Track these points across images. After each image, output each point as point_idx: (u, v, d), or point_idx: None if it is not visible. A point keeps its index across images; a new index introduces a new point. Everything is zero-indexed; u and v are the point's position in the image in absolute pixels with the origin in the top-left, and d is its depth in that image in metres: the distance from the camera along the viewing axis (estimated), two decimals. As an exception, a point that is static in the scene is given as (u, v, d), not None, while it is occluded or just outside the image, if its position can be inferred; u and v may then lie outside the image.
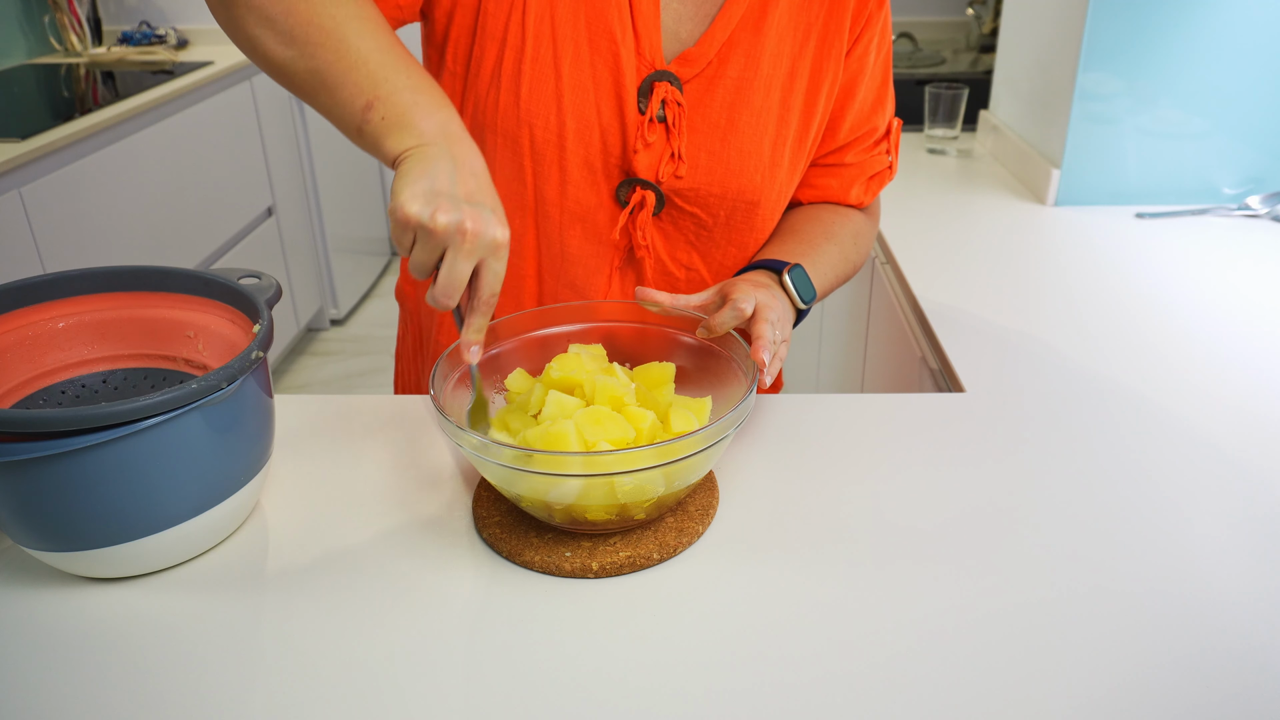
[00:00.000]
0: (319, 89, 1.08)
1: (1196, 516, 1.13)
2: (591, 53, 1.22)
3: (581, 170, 1.26)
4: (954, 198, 2.31)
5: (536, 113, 1.23)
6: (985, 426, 1.31)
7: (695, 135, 1.27)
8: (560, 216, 1.30)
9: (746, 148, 1.27)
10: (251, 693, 0.90)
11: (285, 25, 1.06)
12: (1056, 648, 0.94)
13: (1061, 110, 2.19)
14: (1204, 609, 0.99)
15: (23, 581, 1.04)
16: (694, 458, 0.99)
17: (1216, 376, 1.45)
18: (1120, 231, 2.06)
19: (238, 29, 1.10)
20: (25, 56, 3.69)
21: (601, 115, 1.24)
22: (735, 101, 1.26)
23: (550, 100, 1.23)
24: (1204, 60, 2.08)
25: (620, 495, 0.99)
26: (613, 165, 1.27)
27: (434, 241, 0.97)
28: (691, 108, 1.26)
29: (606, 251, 1.33)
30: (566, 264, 1.33)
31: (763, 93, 1.27)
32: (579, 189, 1.28)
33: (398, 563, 1.06)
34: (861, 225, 1.43)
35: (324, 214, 4.29)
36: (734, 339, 1.16)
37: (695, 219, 1.31)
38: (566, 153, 1.25)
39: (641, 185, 1.27)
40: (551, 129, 1.24)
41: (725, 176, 1.28)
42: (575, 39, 1.22)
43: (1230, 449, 1.26)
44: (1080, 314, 1.67)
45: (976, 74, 3.25)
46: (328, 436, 1.28)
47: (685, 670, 0.92)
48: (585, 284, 1.34)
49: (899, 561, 1.05)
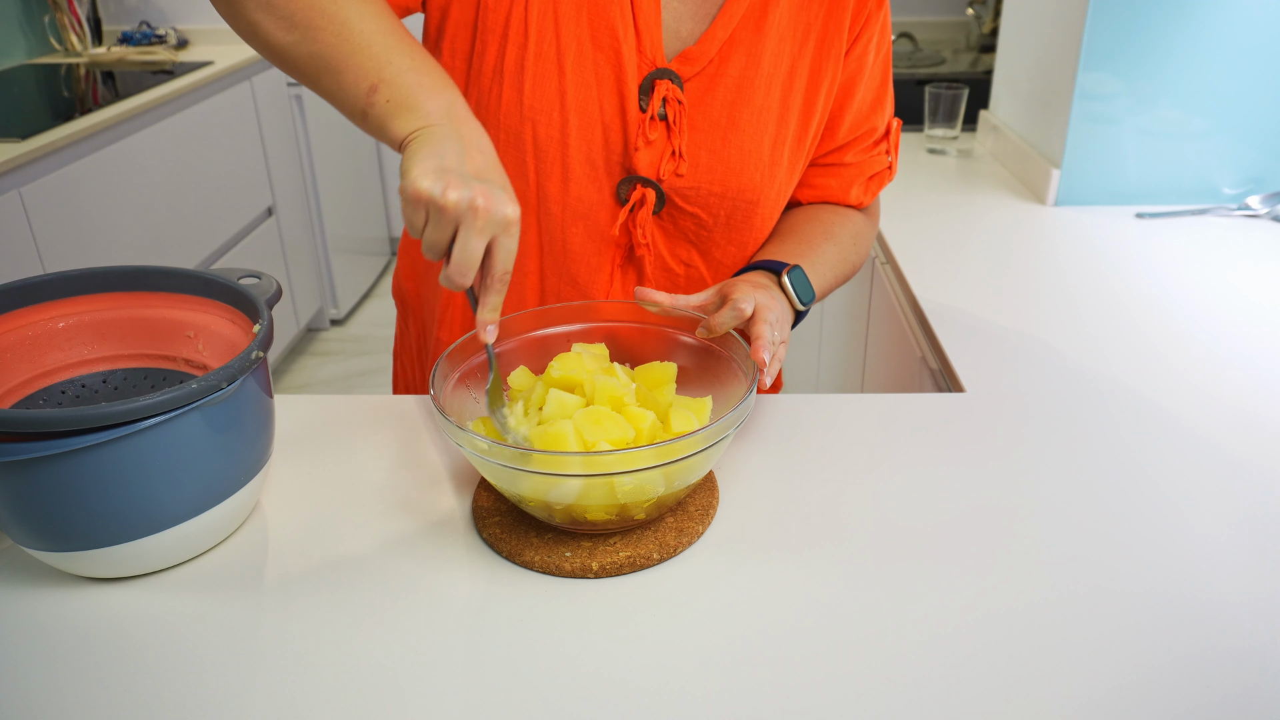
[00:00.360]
0: (322, 73, 1.08)
1: (1196, 516, 1.13)
2: (594, 49, 1.22)
3: (584, 167, 1.26)
4: (954, 198, 2.31)
5: (540, 109, 1.23)
6: (985, 426, 1.31)
7: (696, 134, 1.27)
8: (562, 213, 1.29)
9: (747, 146, 1.27)
10: (251, 693, 0.90)
11: (286, 10, 1.06)
12: (1056, 648, 0.94)
13: (1061, 110, 2.19)
14: (1204, 609, 0.99)
15: (23, 581, 1.03)
16: (694, 458, 0.99)
17: (1216, 376, 1.45)
18: (1120, 231, 2.06)
19: (238, 16, 1.09)
20: (25, 56, 3.70)
21: (604, 112, 1.24)
22: (736, 100, 1.26)
23: (553, 97, 1.23)
24: (1204, 60, 2.08)
25: (620, 495, 0.99)
26: (614, 162, 1.27)
27: (446, 218, 0.97)
28: (692, 106, 1.26)
29: (608, 249, 1.33)
30: (568, 261, 1.33)
31: (763, 91, 1.27)
32: (581, 186, 1.28)
33: (398, 563, 1.06)
34: (861, 225, 1.43)
35: (324, 214, 4.29)
36: (734, 339, 1.16)
37: (695, 218, 1.31)
38: (569, 149, 1.25)
39: (642, 183, 1.27)
40: (555, 125, 1.24)
41: (725, 175, 1.28)
42: (578, 35, 1.22)
43: (1230, 449, 1.26)
44: (1080, 314, 1.67)
45: (976, 74, 3.25)
46: (328, 436, 1.28)
47: (686, 670, 0.92)
48: (587, 281, 1.34)
49: (899, 561, 1.05)
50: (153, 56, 3.69)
